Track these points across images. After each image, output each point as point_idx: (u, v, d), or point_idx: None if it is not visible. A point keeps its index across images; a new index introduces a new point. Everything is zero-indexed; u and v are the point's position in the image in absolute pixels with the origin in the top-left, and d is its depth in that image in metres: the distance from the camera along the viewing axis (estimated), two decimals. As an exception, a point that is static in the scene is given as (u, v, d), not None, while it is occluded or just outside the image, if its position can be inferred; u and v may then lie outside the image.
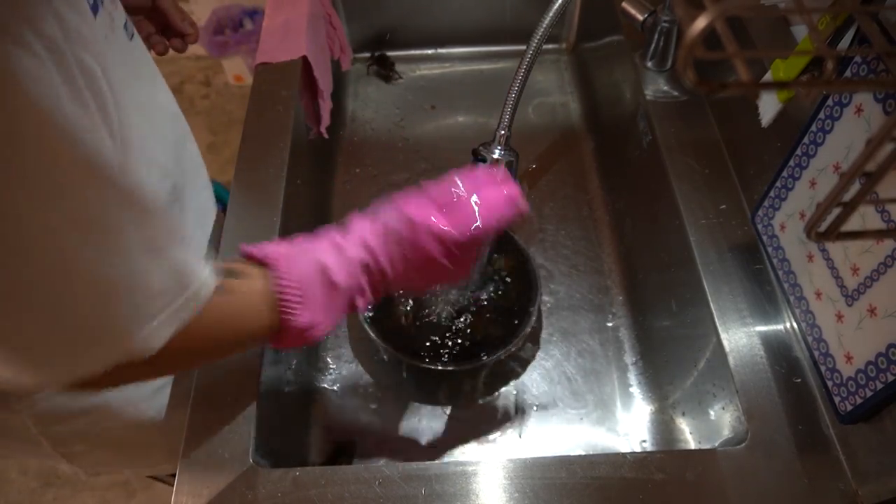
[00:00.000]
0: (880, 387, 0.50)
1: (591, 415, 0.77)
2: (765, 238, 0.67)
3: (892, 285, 0.49)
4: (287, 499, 0.55)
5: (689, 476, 0.56)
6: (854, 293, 0.53)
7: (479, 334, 0.79)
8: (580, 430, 0.76)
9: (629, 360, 0.81)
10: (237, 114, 2.09)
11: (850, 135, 0.54)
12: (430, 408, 0.78)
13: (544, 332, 0.83)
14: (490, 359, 0.75)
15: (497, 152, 0.72)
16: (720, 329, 0.64)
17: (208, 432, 0.59)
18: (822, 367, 0.58)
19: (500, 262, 0.84)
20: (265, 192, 0.75)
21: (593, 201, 0.97)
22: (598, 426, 0.76)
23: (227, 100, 2.14)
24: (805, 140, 0.59)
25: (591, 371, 0.80)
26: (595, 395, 0.78)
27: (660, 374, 0.78)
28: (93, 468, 0.79)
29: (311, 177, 0.90)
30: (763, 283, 0.67)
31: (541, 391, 0.78)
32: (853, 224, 0.47)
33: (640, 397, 0.78)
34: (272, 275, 0.50)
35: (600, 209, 0.96)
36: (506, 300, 0.82)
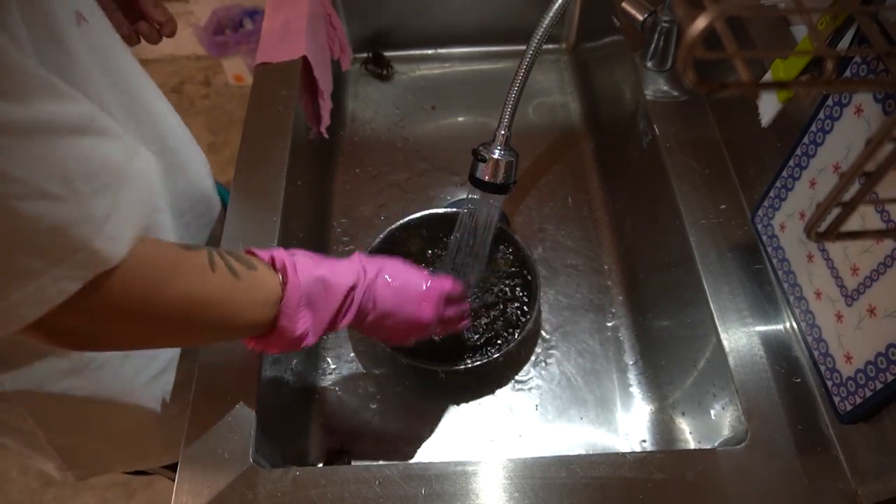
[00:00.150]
0: (880, 386, 0.50)
1: (591, 415, 0.77)
2: (765, 238, 0.67)
3: (891, 285, 0.49)
4: (287, 499, 0.55)
5: (689, 476, 0.56)
6: (854, 293, 0.53)
7: (479, 334, 0.79)
8: (580, 430, 0.76)
9: (629, 360, 0.81)
10: (237, 114, 2.09)
11: (849, 135, 0.54)
12: (429, 408, 0.78)
13: (544, 332, 0.83)
14: (490, 359, 0.75)
15: (497, 152, 0.72)
16: (720, 329, 0.64)
17: (209, 432, 0.59)
18: (822, 367, 0.58)
19: (501, 262, 0.84)
20: (265, 192, 0.75)
21: (593, 201, 0.97)
22: (598, 426, 0.76)
23: (227, 100, 2.14)
24: (805, 140, 0.59)
25: (591, 371, 0.80)
26: (595, 395, 0.78)
27: (660, 374, 0.78)
28: (86, 467, 0.78)
29: (311, 177, 0.90)
30: (763, 283, 0.67)
31: (541, 391, 0.78)
32: (853, 224, 0.47)
33: (640, 397, 0.78)
34: (281, 278, 0.53)
35: (600, 209, 0.96)
36: (506, 300, 0.82)
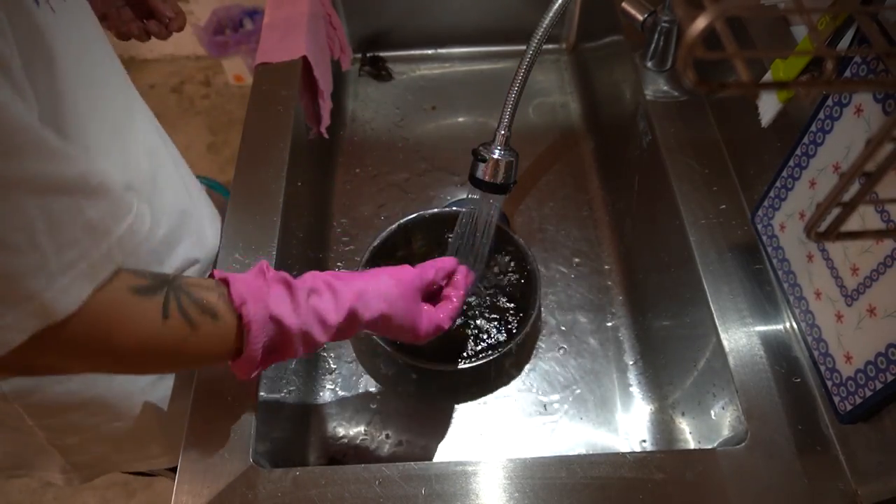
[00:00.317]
0: (880, 386, 0.50)
1: (591, 415, 0.77)
2: (764, 238, 0.67)
3: (891, 285, 0.49)
4: (287, 499, 0.55)
5: (689, 476, 0.56)
6: (854, 293, 0.53)
7: (479, 334, 0.79)
8: (580, 429, 0.76)
9: (629, 360, 0.81)
10: (237, 114, 2.09)
11: (849, 135, 0.54)
12: (430, 408, 0.78)
13: (544, 331, 0.83)
14: (490, 359, 0.75)
15: (497, 152, 0.72)
16: (720, 329, 0.64)
17: (209, 432, 0.59)
18: (822, 367, 0.58)
19: (501, 262, 0.84)
20: (265, 192, 0.75)
21: (593, 201, 0.97)
22: (598, 426, 0.76)
23: (227, 100, 2.14)
24: (805, 140, 0.59)
25: (591, 371, 0.80)
26: (595, 395, 0.78)
27: (660, 374, 0.78)
28: (89, 468, 0.78)
29: (311, 177, 0.90)
30: (763, 283, 0.67)
31: (541, 391, 0.78)
32: (853, 224, 0.47)
33: (640, 397, 0.78)
34: (240, 318, 0.49)
35: (600, 209, 0.96)
36: (506, 300, 0.82)
